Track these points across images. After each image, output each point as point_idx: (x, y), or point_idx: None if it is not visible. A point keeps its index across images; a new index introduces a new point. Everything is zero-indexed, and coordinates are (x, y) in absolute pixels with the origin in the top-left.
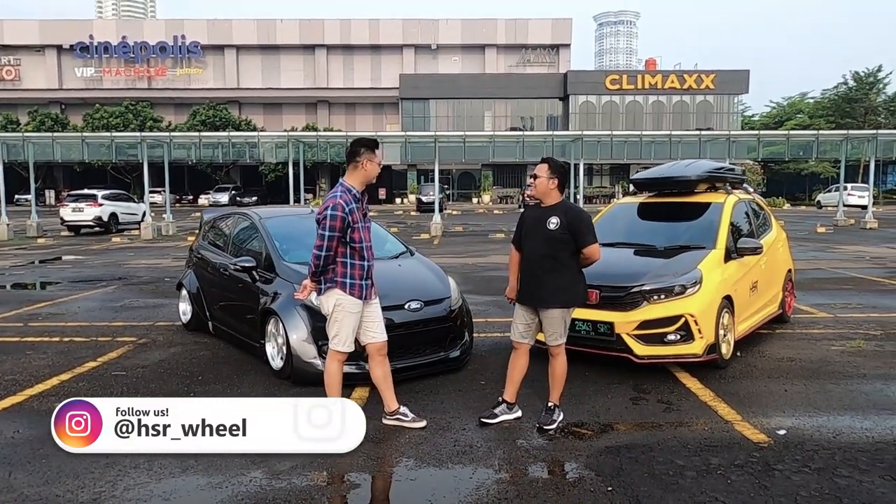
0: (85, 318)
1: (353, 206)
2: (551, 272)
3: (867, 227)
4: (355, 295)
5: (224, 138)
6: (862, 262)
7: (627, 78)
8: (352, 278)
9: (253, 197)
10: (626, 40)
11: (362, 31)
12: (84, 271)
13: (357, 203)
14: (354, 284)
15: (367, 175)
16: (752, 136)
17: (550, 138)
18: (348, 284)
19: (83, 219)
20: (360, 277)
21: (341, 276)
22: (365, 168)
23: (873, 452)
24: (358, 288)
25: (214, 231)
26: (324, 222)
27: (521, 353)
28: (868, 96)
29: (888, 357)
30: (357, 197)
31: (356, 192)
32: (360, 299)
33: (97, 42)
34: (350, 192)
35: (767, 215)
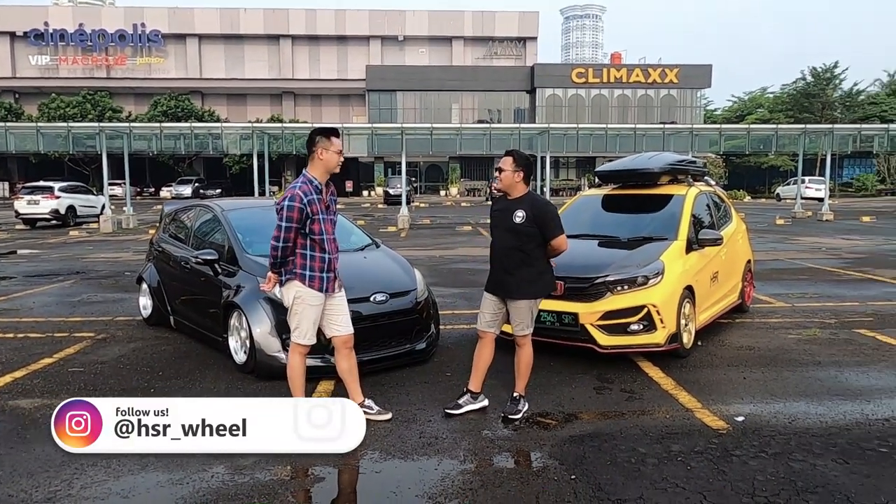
0: (41, 314)
1: (314, 198)
2: (519, 264)
3: (824, 219)
4: (315, 287)
5: (186, 129)
6: (818, 253)
7: (593, 71)
8: (311, 270)
9: (217, 189)
10: (592, 34)
11: (328, 21)
12: (40, 265)
13: (318, 194)
14: (314, 276)
15: (326, 165)
16: (714, 130)
17: (517, 131)
18: (308, 276)
19: (39, 211)
20: (321, 270)
21: (300, 267)
22: (322, 157)
23: (827, 437)
24: (318, 280)
25: (175, 224)
26: (281, 213)
27: (486, 343)
28: (825, 91)
29: (842, 345)
30: (318, 188)
31: (318, 184)
32: (321, 292)
33: (52, 29)
34: (311, 182)
35: (728, 207)
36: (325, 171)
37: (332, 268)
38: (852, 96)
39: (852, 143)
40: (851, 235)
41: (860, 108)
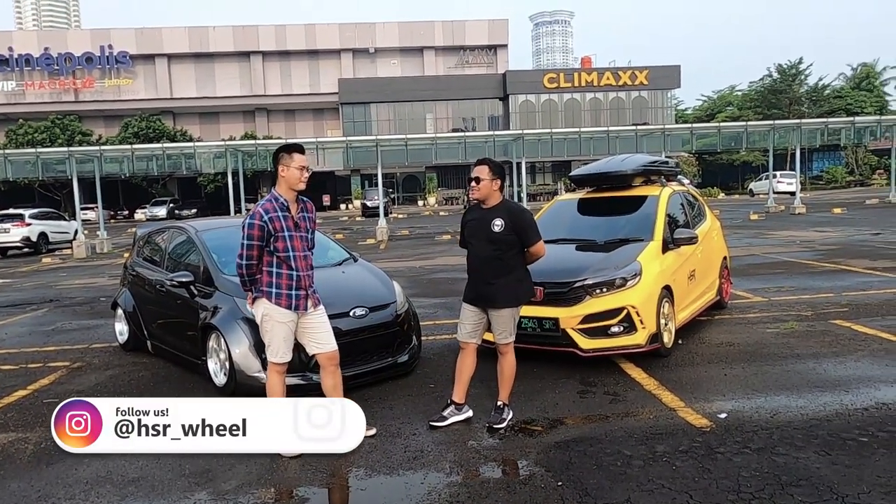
0: (13, 345)
1: (277, 215)
2: (499, 273)
3: (796, 213)
4: (282, 305)
5: (158, 150)
6: (793, 247)
7: (564, 76)
8: (278, 287)
9: (192, 209)
10: (562, 39)
11: (298, 36)
12: (12, 295)
13: (284, 211)
14: (281, 294)
15: (289, 182)
16: (686, 130)
17: (492, 138)
18: (274, 294)
19: (10, 240)
20: (288, 287)
21: (266, 285)
22: (283, 174)
23: (808, 429)
24: (285, 297)
25: (149, 246)
26: (242, 231)
27: (468, 353)
28: (791, 87)
29: (819, 336)
30: (284, 205)
31: (283, 201)
32: (289, 310)
33: (18, 54)
34: (276, 200)
35: (701, 205)
36: (290, 187)
37: (302, 285)
38: (818, 91)
39: (820, 137)
40: (824, 227)
41: (826, 102)
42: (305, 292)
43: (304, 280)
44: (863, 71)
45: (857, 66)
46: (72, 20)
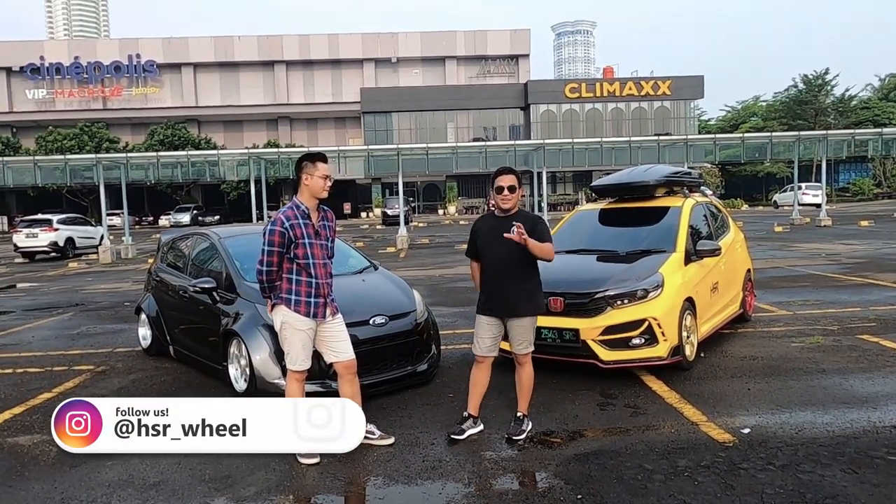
0: (40, 348)
1: (298, 222)
2: (519, 280)
3: (822, 225)
4: (301, 312)
5: (183, 157)
6: (818, 260)
7: (586, 86)
8: (297, 295)
9: (215, 216)
10: (584, 49)
11: (322, 46)
12: (39, 299)
13: (305, 219)
14: (300, 301)
15: (312, 190)
16: (709, 140)
17: (513, 147)
18: (293, 301)
19: (38, 244)
20: (307, 294)
21: (286, 292)
22: (307, 183)
23: (834, 446)
24: (304, 305)
25: (173, 252)
26: (264, 237)
27: (485, 367)
28: (817, 98)
29: (846, 351)
30: (305, 213)
31: (304, 208)
32: (308, 317)
33: (49, 63)
34: (298, 207)
35: (725, 217)
36: (312, 195)
37: (321, 293)
38: (845, 102)
39: (847, 149)
40: (850, 240)
41: (853, 113)
42: (324, 300)
43: (324, 288)
44: (890, 82)
45: (886, 77)
46: (101, 29)
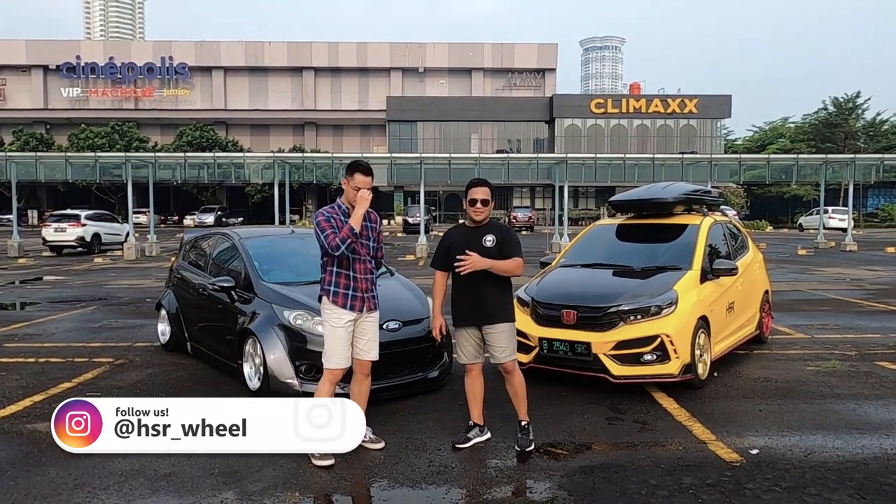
0: (62, 339)
1: (339, 217)
2: (494, 289)
3: (847, 250)
4: (338, 304)
5: (210, 159)
6: (841, 284)
7: (612, 102)
8: (336, 286)
9: (239, 218)
10: (612, 65)
11: (350, 53)
12: (64, 292)
13: (345, 216)
14: (338, 293)
15: (347, 197)
16: (734, 160)
17: (535, 161)
18: (331, 292)
19: (65, 239)
20: (346, 287)
21: (326, 284)
22: (345, 189)
23: (843, 471)
24: (342, 297)
25: (195, 251)
26: (316, 234)
27: (476, 374)
28: (847, 121)
29: (861, 377)
30: (345, 212)
31: (345, 207)
32: (344, 308)
33: (84, 62)
34: (339, 207)
35: (744, 237)
36: (348, 201)
37: (359, 287)
38: (875, 126)
39: (875, 173)
40: (875, 266)
41: (884, 137)
42: (362, 295)
43: (362, 283)
44: None
45: None
46: (136, 31)
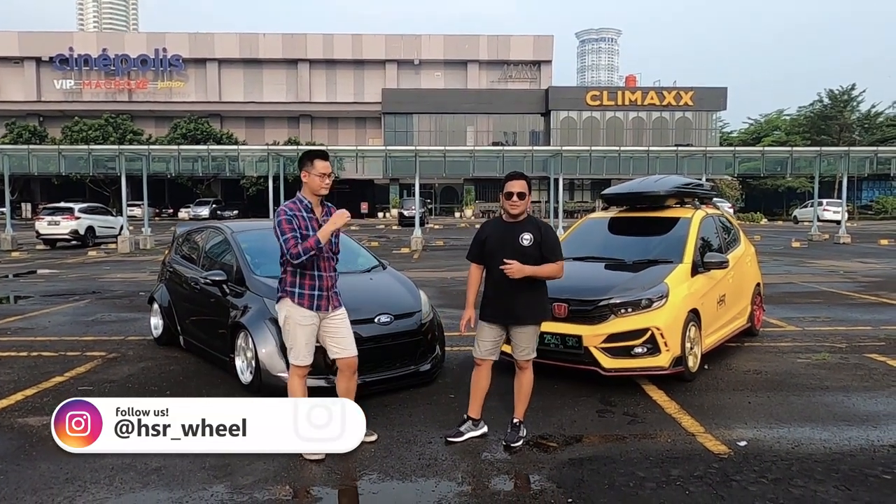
0: (55, 333)
1: (302, 214)
2: (525, 288)
3: (841, 242)
4: (304, 305)
5: (204, 152)
6: (834, 277)
7: (608, 94)
8: (301, 288)
9: (234, 211)
10: (608, 57)
11: (345, 45)
12: (57, 285)
13: (307, 212)
14: (303, 294)
15: (311, 187)
16: (728, 153)
17: (531, 153)
18: (296, 294)
19: (59, 232)
20: (311, 288)
21: (290, 285)
22: (305, 180)
23: (829, 462)
24: (307, 298)
25: (187, 244)
26: (275, 233)
27: (485, 370)
28: (843, 114)
29: (851, 369)
30: (308, 206)
31: (307, 202)
32: (311, 310)
33: (77, 54)
34: (300, 202)
35: (736, 230)
36: (313, 192)
37: (324, 286)
38: (870, 118)
39: (869, 166)
40: (868, 259)
41: (879, 130)
42: (327, 293)
43: (327, 280)
44: None
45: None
46: (130, 22)
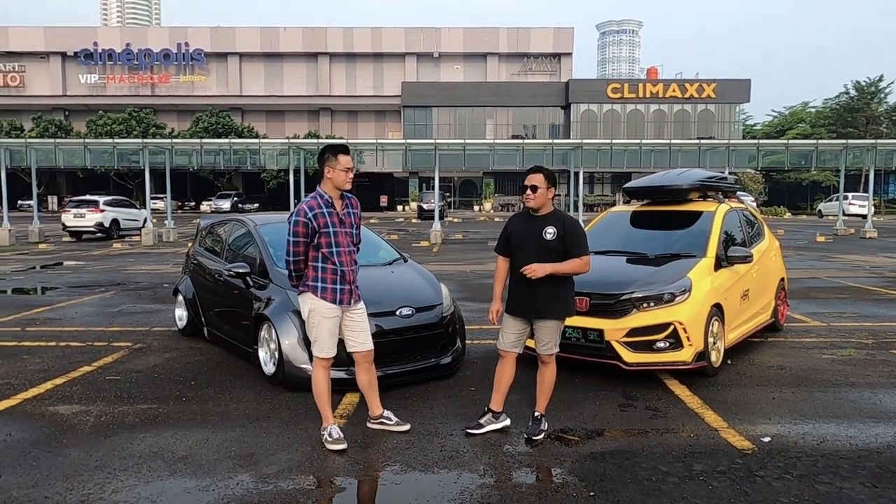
0: (82, 324)
1: (322, 211)
2: (548, 283)
3: (866, 237)
4: (327, 299)
5: (225, 145)
6: (859, 272)
7: (629, 87)
8: (323, 282)
9: (255, 203)
10: (629, 49)
11: (365, 39)
12: (83, 277)
13: (329, 208)
14: (326, 288)
15: (335, 182)
16: (752, 146)
17: (550, 146)
18: (319, 288)
19: (85, 224)
20: (333, 281)
21: (312, 279)
22: (329, 175)
23: (856, 460)
24: (330, 292)
25: (211, 237)
26: (288, 227)
27: (509, 362)
28: (869, 106)
29: (877, 366)
30: (329, 202)
31: (328, 198)
32: (334, 304)
33: (101, 49)
34: (321, 197)
35: (760, 224)
36: (335, 186)
37: (346, 280)
38: None
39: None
40: (895, 254)
41: None
42: (349, 287)
43: (349, 275)
44: None
45: None
46: (153, 17)
